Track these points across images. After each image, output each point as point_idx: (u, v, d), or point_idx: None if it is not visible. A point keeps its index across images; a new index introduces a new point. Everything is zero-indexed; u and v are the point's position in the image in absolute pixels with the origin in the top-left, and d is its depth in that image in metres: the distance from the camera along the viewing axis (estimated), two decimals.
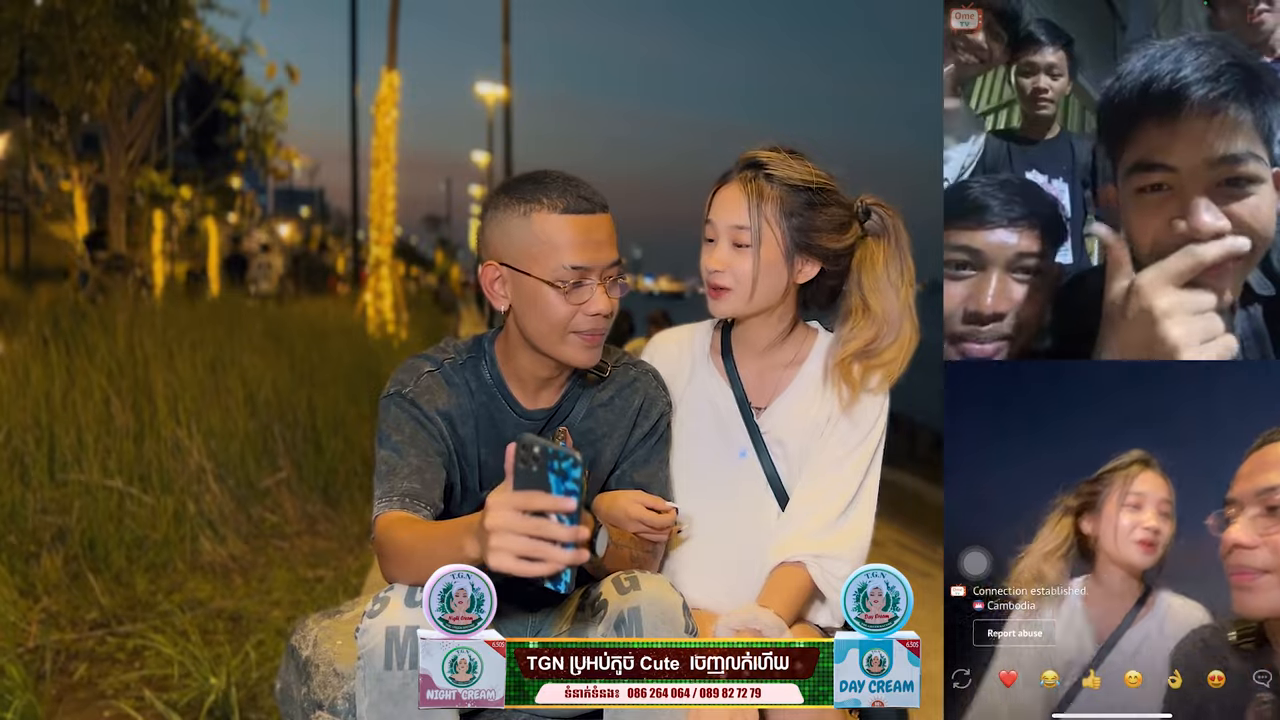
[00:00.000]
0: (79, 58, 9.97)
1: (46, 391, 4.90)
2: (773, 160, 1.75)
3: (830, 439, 1.77)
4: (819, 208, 1.75)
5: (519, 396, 1.70)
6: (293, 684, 2.09)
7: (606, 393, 1.76)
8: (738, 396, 1.80)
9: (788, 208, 1.73)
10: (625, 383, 1.77)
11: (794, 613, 1.67)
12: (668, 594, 1.54)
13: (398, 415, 1.64)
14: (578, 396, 1.73)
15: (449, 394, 1.68)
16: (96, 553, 4.08)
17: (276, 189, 55.38)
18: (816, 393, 1.79)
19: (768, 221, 1.72)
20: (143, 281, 10.74)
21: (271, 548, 4.58)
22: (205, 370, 5.59)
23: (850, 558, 1.72)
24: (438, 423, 1.65)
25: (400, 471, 1.59)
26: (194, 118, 22.99)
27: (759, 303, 1.76)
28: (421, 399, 1.65)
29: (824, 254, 1.76)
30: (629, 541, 1.65)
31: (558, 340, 1.62)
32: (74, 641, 3.39)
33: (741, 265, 1.73)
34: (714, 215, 1.76)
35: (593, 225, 1.60)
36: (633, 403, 1.76)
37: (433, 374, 1.68)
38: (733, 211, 1.74)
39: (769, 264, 1.73)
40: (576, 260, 1.58)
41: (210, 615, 3.68)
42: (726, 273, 1.74)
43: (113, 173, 10.74)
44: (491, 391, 1.70)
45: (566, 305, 1.60)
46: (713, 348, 1.86)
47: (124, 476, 4.48)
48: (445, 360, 1.71)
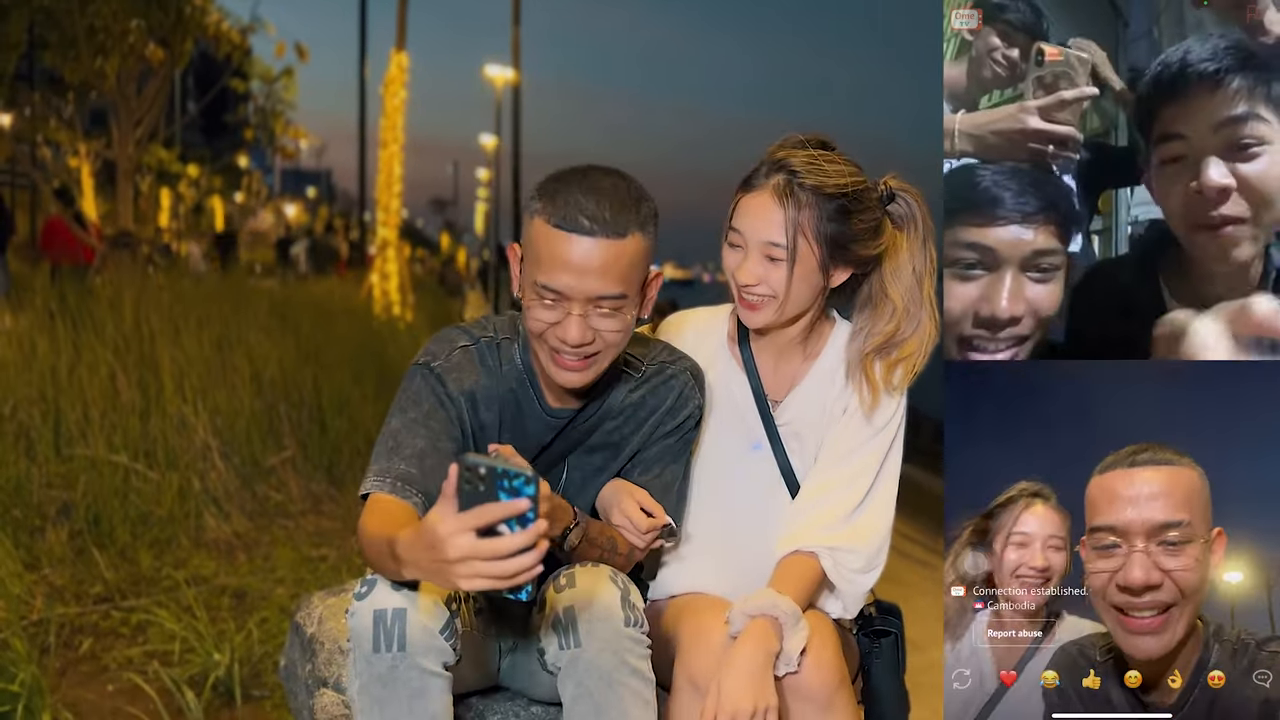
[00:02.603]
0: (88, 33, 9.95)
1: (53, 366, 4.91)
2: (806, 166, 1.64)
3: (845, 429, 1.74)
4: (853, 214, 1.66)
5: (547, 392, 1.63)
6: (297, 661, 2.10)
7: (640, 391, 1.68)
8: (754, 388, 1.77)
9: (823, 216, 1.64)
10: (661, 380, 1.69)
11: (806, 601, 1.66)
12: (603, 589, 1.51)
13: (420, 388, 1.58)
14: (606, 398, 1.66)
15: (479, 373, 1.61)
16: (101, 528, 4.09)
17: (283, 169, 55.30)
18: (833, 385, 1.76)
19: (804, 236, 1.63)
20: (149, 259, 10.73)
21: (276, 526, 4.59)
22: (212, 348, 5.59)
23: (865, 552, 1.69)
24: (459, 404, 1.58)
25: (402, 450, 1.53)
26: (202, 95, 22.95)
27: (793, 311, 1.70)
28: (449, 375, 1.58)
29: (859, 261, 1.70)
30: (602, 539, 1.63)
31: (539, 347, 1.55)
32: (78, 616, 3.41)
33: (776, 278, 1.65)
34: (743, 225, 1.66)
35: (584, 250, 1.46)
36: (665, 400, 1.68)
37: (466, 350, 1.61)
38: (766, 226, 1.64)
39: (804, 276, 1.66)
40: (548, 280, 1.47)
41: (214, 591, 3.69)
42: (761, 285, 1.66)
43: (120, 149, 10.73)
44: (521, 379, 1.63)
45: (539, 315, 1.50)
46: (730, 336, 1.82)
47: (129, 452, 4.49)
48: (483, 337, 1.63)
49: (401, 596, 1.43)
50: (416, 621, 1.42)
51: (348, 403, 5.79)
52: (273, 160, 38.54)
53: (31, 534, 3.96)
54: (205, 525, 4.35)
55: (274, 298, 8.12)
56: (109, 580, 3.69)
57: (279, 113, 15.18)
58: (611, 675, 1.49)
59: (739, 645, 1.54)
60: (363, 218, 27.41)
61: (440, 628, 1.43)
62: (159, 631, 3.21)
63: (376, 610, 1.43)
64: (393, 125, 13.64)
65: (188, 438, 4.71)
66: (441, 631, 1.43)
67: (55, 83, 11.94)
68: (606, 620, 1.50)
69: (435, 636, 1.43)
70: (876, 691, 1.76)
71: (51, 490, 4.27)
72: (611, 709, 1.49)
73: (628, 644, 1.50)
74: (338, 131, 59.76)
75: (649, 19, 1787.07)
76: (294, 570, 4.00)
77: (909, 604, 1.89)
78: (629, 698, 1.49)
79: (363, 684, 1.44)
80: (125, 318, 5.67)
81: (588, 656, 1.49)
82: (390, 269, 13.61)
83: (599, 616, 1.50)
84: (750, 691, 1.50)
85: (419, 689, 1.43)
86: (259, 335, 6.09)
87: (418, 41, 26.81)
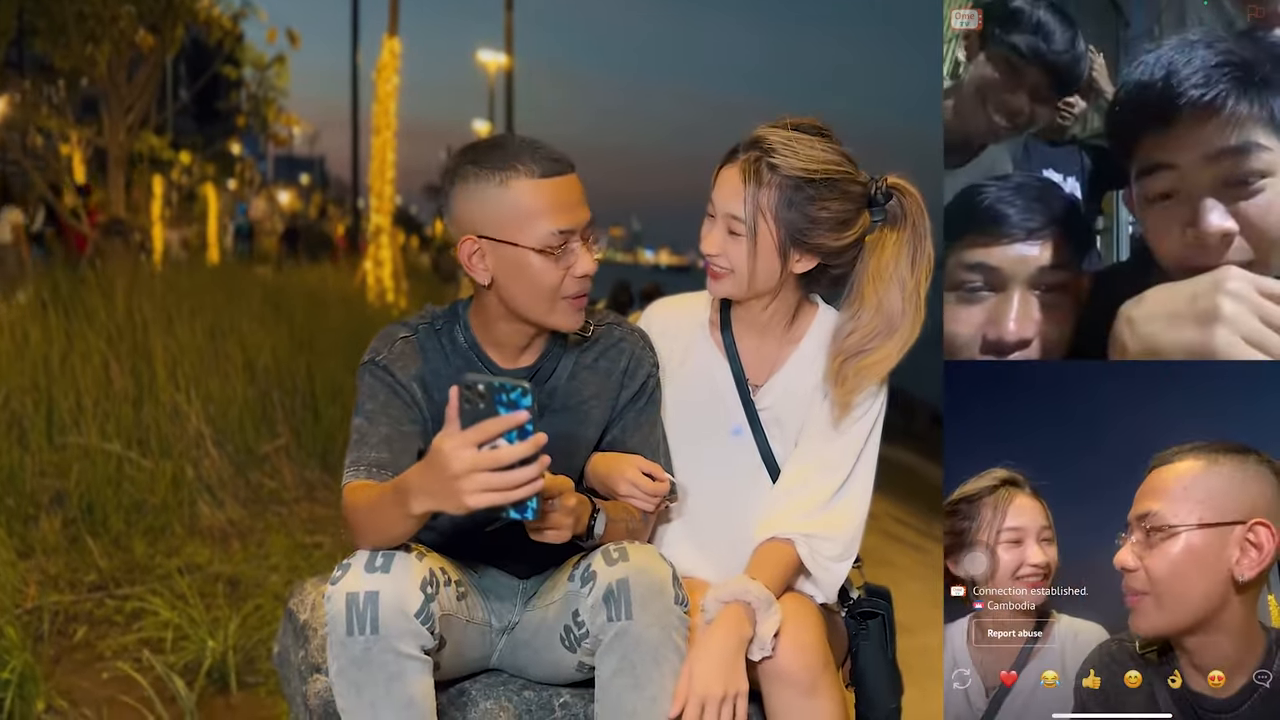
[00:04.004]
0: (78, 19, 9.89)
1: (45, 355, 4.90)
2: (779, 146, 1.64)
3: (824, 416, 1.74)
4: (820, 202, 1.64)
5: (496, 359, 1.68)
6: (290, 648, 2.10)
7: (591, 354, 1.73)
8: (735, 373, 1.78)
9: (786, 200, 1.64)
10: (610, 343, 1.74)
11: (781, 587, 1.67)
12: (657, 565, 1.53)
13: (371, 383, 1.63)
14: (559, 356, 1.71)
15: (424, 359, 1.66)
16: (95, 516, 4.09)
17: (276, 156, 55.10)
18: (814, 372, 1.76)
19: (763, 214, 1.64)
20: (141, 246, 10.71)
21: (270, 513, 4.59)
22: (204, 336, 5.58)
23: (841, 539, 1.70)
24: (412, 389, 1.63)
25: (369, 440, 1.58)
26: (194, 82, 22.84)
27: (756, 289, 1.71)
28: (395, 365, 1.63)
29: (821, 251, 1.68)
30: (621, 515, 1.65)
31: (547, 309, 1.60)
32: (72, 604, 3.41)
33: (736, 252, 1.67)
34: (715, 195, 1.70)
35: (568, 186, 1.58)
36: (619, 364, 1.73)
37: (407, 340, 1.66)
38: (730, 199, 1.66)
39: (762, 255, 1.67)
40: (561, 224, 1.56)
41: (208, 579, 3.69)
42: (721, 257, 1.69)
43: (112, 136, 10.69)
44: (467, 355, 1.68)
45: (555, 271, 1.57)
46: (711, 321, 1.83)
47: (122, 440, 4.49)
48: (421, 325, 1.69)
49: (374, 580, 1.44)
50: (389, 604, 1.43)
51: (341, 390, 5.78)
52: (265, 147, 38.39)
53: (25, 522, 3.96)
54: (199, 513, 4.35)
55: (267, 286, 8.11)
56: (103, 568, 3.69)
57: (271, 99, 15.11)
58: (658, 650, 1.50)
59: (711, 630, 1.56)
60: (356, 204, 27.33)
61: (415, 611, 1.44)
62: (153, 619, 3.21)
63: (349, 593, 1.43)
64: (385, 111, 13.59)
65: (181, 426, 4.70)
66: (417, 615, 1.44)
67: (45, 70, 11.87)
68: (660, 596, 1.51)
69: (410, 619, 1.43)
70: (864, 673, 1.77)
71: (45, 479, 4.27)
72: (652, 683, 1.50)
73: (675, 621, 1.52)
74: (331, 118, 59.56)
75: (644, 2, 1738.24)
76: (288, 557, 4.00)
77: (901, 588, 1.90)
78: (669, 675, 1.51)
79: (339, 668, 1.45)
80: (118, 306, 5.66)
81: (637, 630, 1.49)
82: (384, 256, 13.58)
83: (653, 591, 1.50)
84: (720, 676, 1.52)
85: (395, 672, 1.44)
86: (252, 323, 6.09)
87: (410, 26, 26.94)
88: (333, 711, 1.58)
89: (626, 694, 1.50)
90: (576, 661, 1.61)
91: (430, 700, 1.48)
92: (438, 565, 1.54)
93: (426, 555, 1.52)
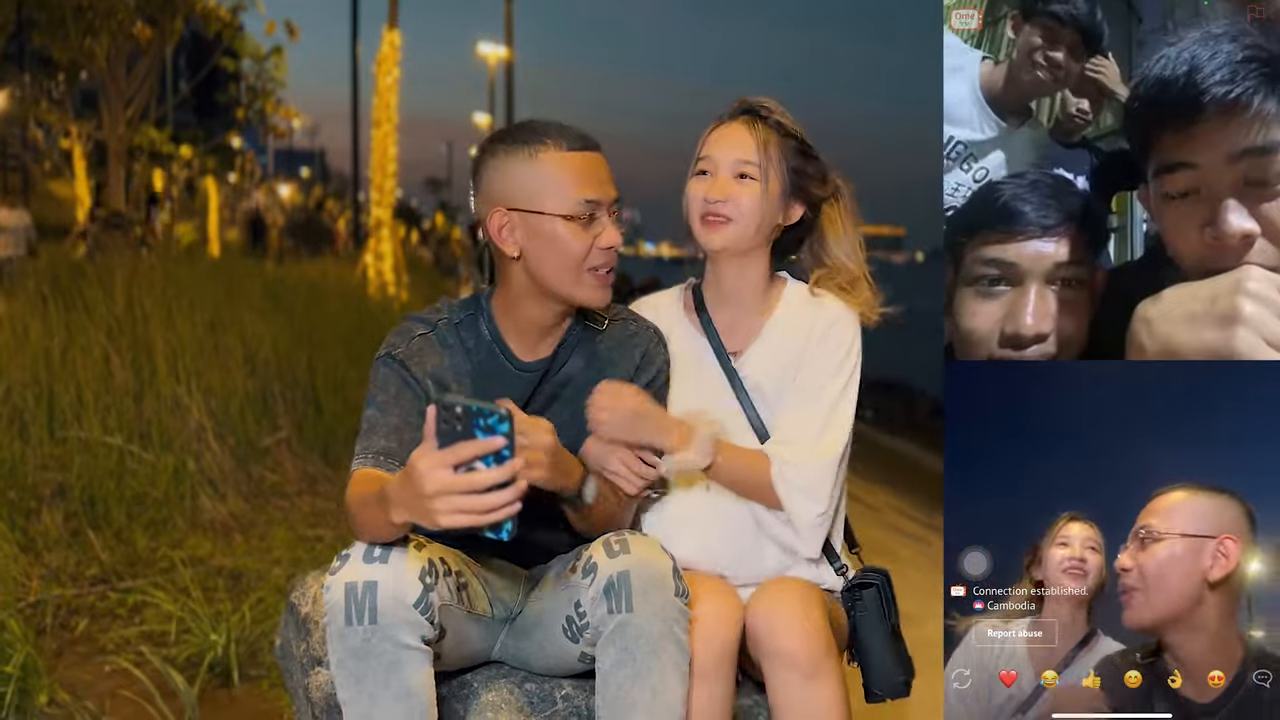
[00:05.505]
0: (77, 12, 9.89)
1: (46, 349, 4.90)
2: (772, 107, 1.83)
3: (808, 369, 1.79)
4: (807, 157, 1.84)
5: (516, 350, 1.71)
6: (292, 640, 2.10)
7: (606, 345, 1.76)
8: (714, 345, 1.84)
9: (789, 150, 1.81)
10: (625, 336, 1.78)
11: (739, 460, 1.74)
12: (658, 558, 1.54)
13: (385, 376, 1.65)
14: (574, 347, 1.74)
15: (441, 355, 1.68)
16: (96, 509, 4.09)
17: (276, 149, 55.08)
18: (790, 337, 1.81)
19: (772, 161, 1.79)
20: (141, 239, 10.70)
21: (271, 506, 4.59)
22: (205, 329, 5.58)
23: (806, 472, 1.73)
24: (425, 385, 1.65)
25: (379, 429, 1.61)
26: (193, 75, 22.82)
27: (750, 239, 1.79)
28: (411, 361, 1.65)
29: (809, 199, 1.84)
30: (607, 491, 1.67)
31: (574, 280, 1.64)
32: (74, 597, 3.41)
33: (745, 197, 1.77)
34: (714, 151, 1.80)
35: (597, 162, 1.65)
36: (633, 356, 1.77)
37: (425, 336, 1.69)
38: (738, 147, 1.79)
39: (769, 200, 1.79)
40: (589, 194, 1.62)
41: (210, 572, 3.69)
42: (729, 202, 1.77)
43: (111, 130, 10.69)
44: (490, 347, 1.70)
45: (582, 239, 1.62)
46: (686, 305, 1.90)
47: (124, 434, 4.49)
48: (439, 321, 1.71)
49: (372, 570, 1.44)
50: (388, 594, 1.43)
51: (342, 383, 5.79)
52: (265, 140, 38.38)
53: (27, 516, 3.96)
54: (201, 506, 4.35)
55: (267, 279, 8.11)
56: (105, 562, 3.69)
57: (270, 91, 15.07)
58: (658, 643, 1.51)
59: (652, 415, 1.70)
60: (357, 197, 27.32)
61: (414, 601, 1.44)
62: (155, 612, 3.21)
63: (348, 584, 1.44)
64: (385, 104, 13.58)
65: (182, 419, 4.70)
66: (415, 605, 1.44)
67: (45, 64, 11.86)
68: (661, 588, 1.52)
69: (409, 609, 1.44)
70: (867, 646, 1.78)
71: (46, 472, 4.27)
72: (651, 675, 1.50)
73: (675, 614, 1.52)
74: (331, 111, 59.57)
75: None
76: (290, 550, 4.01)
77: (903, 578, 1.89)
78: (669, 667, 1.51)
79: (339, 658, 1.46)
80: (117, 299, 5.66)
81: (638, 622, 1.50)
82: (385, 249, 13.59)
83: (654, 584, 1.51)
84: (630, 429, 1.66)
85: (394, 661, 1.44)
86: (252, 316, 6.09)
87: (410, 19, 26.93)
88: (334, 704, 1.58)
89: (627, 685, 1.51)
90: (579, 652, 1.62)
91: (430, 691, 1.48)
92: (437, 556, 1.54)
93: (426, 546, 1.52)
